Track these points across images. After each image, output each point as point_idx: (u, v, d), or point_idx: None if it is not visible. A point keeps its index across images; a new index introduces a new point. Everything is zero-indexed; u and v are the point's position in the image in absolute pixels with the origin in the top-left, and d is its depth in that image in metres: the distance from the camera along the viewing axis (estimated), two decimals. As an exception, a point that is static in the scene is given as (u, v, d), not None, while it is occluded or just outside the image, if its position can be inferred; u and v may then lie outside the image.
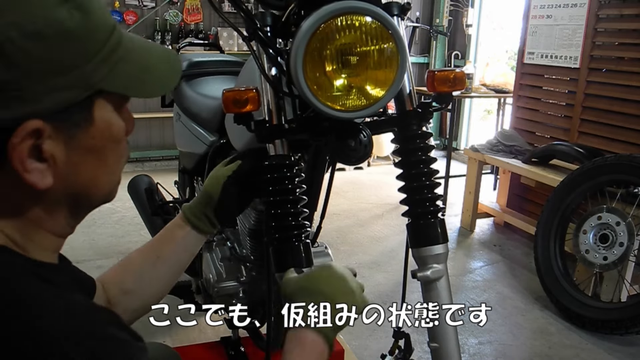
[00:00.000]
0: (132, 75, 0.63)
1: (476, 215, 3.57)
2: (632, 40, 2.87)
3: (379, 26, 0.90)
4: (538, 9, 3.38)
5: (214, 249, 1.59)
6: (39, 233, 0.63)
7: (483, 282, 2.87)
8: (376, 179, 4.70)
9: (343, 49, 0.90)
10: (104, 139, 0.63)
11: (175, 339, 2.16)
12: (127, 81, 0.62)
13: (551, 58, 3.30)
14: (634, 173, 2.35)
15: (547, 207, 2.70)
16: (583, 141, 3.06)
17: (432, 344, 1.09)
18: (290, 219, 1.01)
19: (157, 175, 2.39)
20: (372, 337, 2.21)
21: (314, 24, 0.87)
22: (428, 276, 1.07)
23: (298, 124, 1.02)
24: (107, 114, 0.62)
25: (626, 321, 2.24)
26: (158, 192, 2.19)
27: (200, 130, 1.77)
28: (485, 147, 3.42)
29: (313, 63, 0.90)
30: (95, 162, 0.63)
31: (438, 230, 1.08)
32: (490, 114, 6.29)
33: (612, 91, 2.95)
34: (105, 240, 3.18)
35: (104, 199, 0.69)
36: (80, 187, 0.63)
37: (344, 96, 0.94)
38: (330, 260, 1.51)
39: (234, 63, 2.18)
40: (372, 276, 2.85)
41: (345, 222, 3.64)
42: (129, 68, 0.62)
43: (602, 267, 2.43)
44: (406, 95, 1.07)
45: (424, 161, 1.08)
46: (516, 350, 2.27)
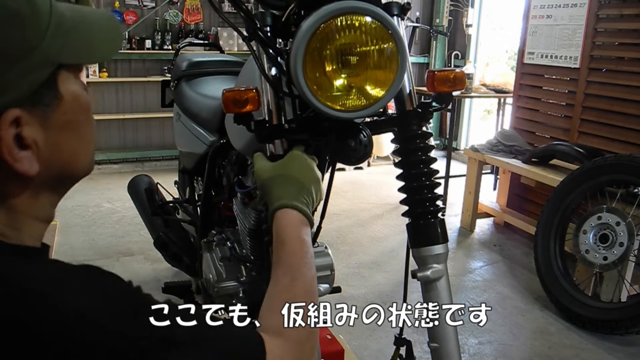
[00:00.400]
0: (82, 43, 0.63)
1: (476, 215, 3.57)
2: (632, 40, 2.87)
3: (378, 26, 0.90)
4: (538, 9, 3.38)
5: (214, 249, 1.59)
6: (26, 221, 0.63)
7: (483, 282, 2.87)
8: (376, 179, 4.70)
9: (343, 49, 0.91)
10: (75, 111, 0.64)
11: (175, 339, 2.16)
12: (80, 49, 0.63)
13: (551, 58, 3.30)
14: (634, 173, 2.35)
15: (547, 207, 2.70)
16: (583, 141, 3.06)
17: (432, 344, 1.09)
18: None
19: (157, 175, 2.39)
20: (372, 337, 2.21)
21: (314, 24, 0.87)
22: (428, 276, 1.07)
23: (298, 124, 1.02)
24: (71, 86, 0.63)
25: (626, 321, 2.24)
26: (158, 192, 2.19)
27: (200, 130, 1.77)
28: (485, 147, 3.42)
29: (313, 63, 0.90)
30: (72, 137, 0.64)
31: (438, 230, 1.08)
32: (490, 114, 6.29)
33: (612, 91, 2.95)
34: (105, 240, 3.18)
35: (86, 171, 0.70)
36: (63, 165, 0.64)
37: (344, 96, 0.94)
38: (331, 260, 1.51)
39: (234, 63, 2.18)
40: (372, 276, 2.85)
41: (345, 222, 3.64)
42: (78, 36, 0.63)
43: (602, 267, 2.43)
44: (406, 95, 1.07)
45: (423, 161, 1.08)
46: (516, 350, 2.27)
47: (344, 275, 2.79)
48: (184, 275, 2.04)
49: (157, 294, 2.05)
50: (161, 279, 2.53)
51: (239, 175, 1.46)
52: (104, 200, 3.88)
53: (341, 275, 2.73)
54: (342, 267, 2.89)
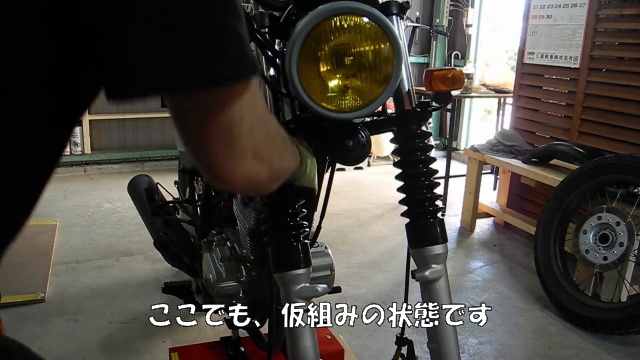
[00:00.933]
0: None
1: (476, 215, 3.57)
2: (632, 40, 2.87)
3: (374, 26, 0.89)
4: (538, 9, 3.38)
5: (214, 249, 1.59)
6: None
7: (483, 282, 2.87)
8: (376, 179, 4.70)
9: (338, 49, 0.90)
10: None
11: (175, 339, 2.16)
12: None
13: (551, 58, 3.30)
14: (634, 173, 2.35)
15: (547, 207, 2.70)
16: (583, 141, 3.06)
17: (431, 345, 1.09)
18: (289, 220, 1.01)
19: (157, 175, 2.39)
20: (372, 337, 2.21)
21: (309, 24, 0.87)
22: (427, 276, 1.07)
23: (297, 124, 1.02)
24: None
25: (626, 321, 2.24)
26: (158, 192, 2.19)
27: (200, 130, 1.76)
28: (485, 147, 3.42)
29: (308, 63, 0.90)
30: None
31: (437, 231, 1.08)
32: (490, 114, 6.29)
33: (612, 91, 2.95)
34: (105, 240, 3.18)
35: None
36: None
37: (339, 97, 0.94)
38: (331, 260, 1.51)
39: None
40: (372, 276, 2.85)
41: (345, 222, 3.64)
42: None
43: (602, 267, 2.43)
44: (405, 95, 1.07)
45: (423, 161, 1.08)
46: (516, 350, 2.27)
47: (344, 275, 2.79)
48: (184, 275, 2.04)
49: (157, 294, 2.06)
50: (161, 279, 2.53)
51: (238, 175, 1.46)
52: (104, 200, 3.88)
53: (341, 275, 2.73)
54: (342, 267, 2.89)
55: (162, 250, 1.97)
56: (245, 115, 0.56)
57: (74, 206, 3.72)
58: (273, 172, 0.68)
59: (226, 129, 0.55)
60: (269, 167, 0.65)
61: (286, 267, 1.01)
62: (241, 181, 0.61)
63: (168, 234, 1.95)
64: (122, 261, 2.92)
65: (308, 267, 1.02)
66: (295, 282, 1.01)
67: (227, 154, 0.57)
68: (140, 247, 3.07)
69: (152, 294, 2.51)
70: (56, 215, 3.50)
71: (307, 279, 1.02)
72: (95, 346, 2.15)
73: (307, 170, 0.92)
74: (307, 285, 1.01)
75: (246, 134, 0.58)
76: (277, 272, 1.02)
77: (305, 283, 1.01)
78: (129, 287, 2.62)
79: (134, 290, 2.58)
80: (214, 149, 0.56)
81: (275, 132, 0.68)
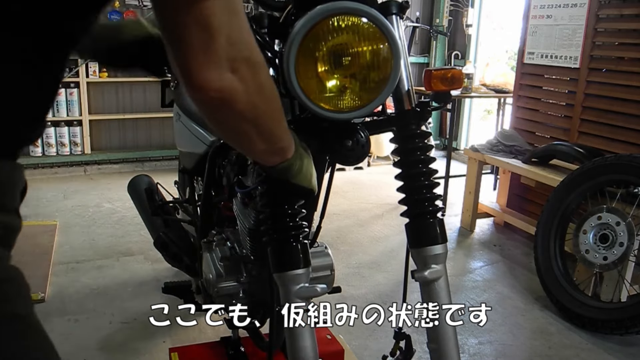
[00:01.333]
0: None
1: (476, 215, 3.57)
2: (632, 40, 2.87)
3: (372, 27, 0.89)
4: (538, 9, 3.38)
5: (214, 249, 1.59)
6: None
7: (483, 282, 2.87)
8: (376, 179, 4.70)
9: (336, 49, 0.90)
10: None
11: (175, 339, 2.16)
12: None
13: (551, 58, 3.30)
14: (634, 173, 2.35)
15: (547, 207, 2.70)
16: (583, 141, 3.06)
17: (431, 345, 1.09)
18: (288, 220, 1.01)
19: (157, 175, 2.39)
20: (372, 337, 2.21)
21: (307, 24, 0.87)
22: (427, 276, 1.07)
23: (296, 124, 1.02)
24: None
25: (626, 321, 2.24)
26: (158, 192, 2.19)
27: (200, 130, 1.77)
28: (485, 147, 3.42)
29: (306, 64, 0.90)
30: None
31: (437, 231, 1.08)
32: (490, 114, 6.29)
33: (612, 91, 2.95)
34: (105, 240, 3.18)
35: None
36: None
37: (338, 97, 0.94)
38: (330, 260, 1.51)
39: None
40: (372, 276, 2.85)
41: (345, 222, 3.64)
42: None
43: (602, 267, 2.43)
44: (405, 95, 1.07)
45: (422, 161, 1.08)
46: (516, 350, 2.27)
47: (344, 275, 2.79)
48: (184, 275, 2.04)
49: (157, 294, 2.06)
50: (161, 279, 2.53)
51: (239, 175, 1.46)
52: (104, 200, 3.88)
53: (341, 275, 2.73)
54: (342, 267, 2.89)
55: (162, 250, 1.97)
56: (222, 17, 0.57)
57: (74, 206, 3.72)
58: (257, 116, 0.69)
59: (199, 19, 0.56)
60: (245, 89, 0.64)
61: (286, 267, 1.01)
62: (213, 89, 0.61)
63: (168, 234, 1.95)
64: (122, 261, 2.92)
65: (307, 267, 1.02)
66: (294, 282, 1.01)
67: (203, 57, 0.58)
68: (140, 247, 3.07)
69: (152, 294, 2.51)
70: (56, 215, 3.51)
71: (307, 279, 1.02)
72: (95, 346, 2.15)
73: (303, 168, 0.92)
74: (307, 286, 1.01)
75: (223, 42, 0.59)
76: (276, 272, 1.02)
77: (305, 283, 1.01)
78: (129, 287, 2.62)
79: (134, 290, 2.59)
80: (188, 41, 0.57)
81: (259, 62, 0.67)
